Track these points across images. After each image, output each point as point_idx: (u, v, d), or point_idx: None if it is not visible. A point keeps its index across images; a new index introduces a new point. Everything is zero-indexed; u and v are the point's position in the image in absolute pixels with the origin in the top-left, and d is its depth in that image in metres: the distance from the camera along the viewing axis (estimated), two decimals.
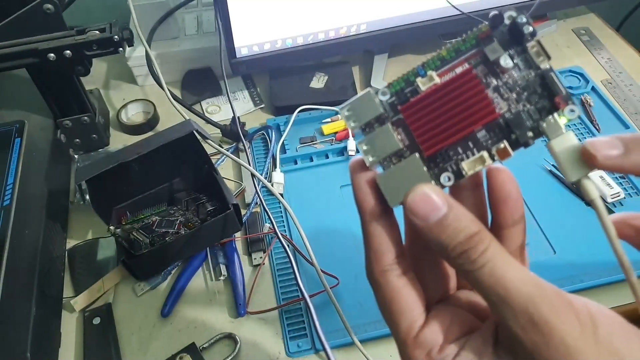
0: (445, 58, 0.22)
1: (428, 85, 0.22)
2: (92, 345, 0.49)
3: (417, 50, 0.81)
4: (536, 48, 0.21)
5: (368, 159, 0.23)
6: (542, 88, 0.21)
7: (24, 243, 0.48)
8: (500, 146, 0.21)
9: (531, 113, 0.21)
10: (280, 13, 0.65)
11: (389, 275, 0.23)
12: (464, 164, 0.22)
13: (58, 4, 0.51)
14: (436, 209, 0.20)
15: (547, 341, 0.18)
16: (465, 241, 0.20)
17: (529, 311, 0.19)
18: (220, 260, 0.55)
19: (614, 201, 0.58)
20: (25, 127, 0.57)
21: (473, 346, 0.21)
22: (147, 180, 0.57)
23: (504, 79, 0.22)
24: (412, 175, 0.22)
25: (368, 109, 0.23)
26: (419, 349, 0.22)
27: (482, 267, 0.20)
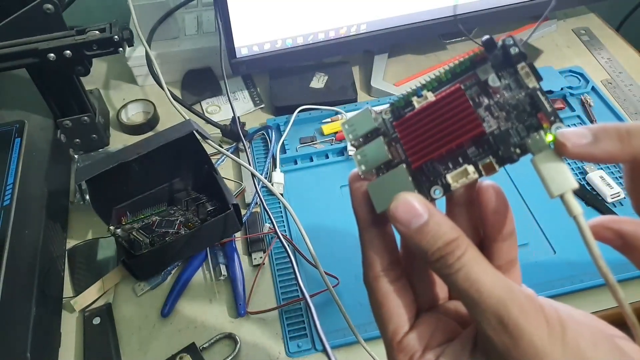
0: (442, 80, 0.24)
1: (421, 103, 0.24)
2: (92, 345, 0.49)
3: (417, 50, 0.81)
4: (525, 69, 0.22)
5: (361, 169, 0.24)
6: (531, 107, 0.22)
7: (24, 243, 0.48)
8: (486, 161, 0.22)
9: (519, 130, 0.22)
10: (280, 13, 0.65)
11: (380, 281, 0.24)
12: (449, 176, 0.23)
13: (58, 4, 0.51)
14: (417, 215, 0.21)
15: (516, 342, 0.19)
16: (443, 247, 0.21)
17: (500, 313, 0.20)
18: (220, 260, 0.55)
19: (614, 201, 0.58)
20: (25, 127, 0.57)
21: (452, 351, 0.23)
22: (147, 180, 0.57)
23: (495, 99, 0.23)
24: (398, 184, 0.23)
25: (364, 123, 0.25)
26: (402, 353, 0.23)
27: (457, 272, 0.21)
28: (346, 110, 0.69)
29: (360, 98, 0.73)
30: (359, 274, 0.57)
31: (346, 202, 0.60)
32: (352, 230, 0.60)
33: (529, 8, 0.76)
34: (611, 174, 0.61)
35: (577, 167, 0.62)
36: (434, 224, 0.21)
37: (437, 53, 0.81)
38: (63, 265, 0.56)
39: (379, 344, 0.49)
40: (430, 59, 0.80)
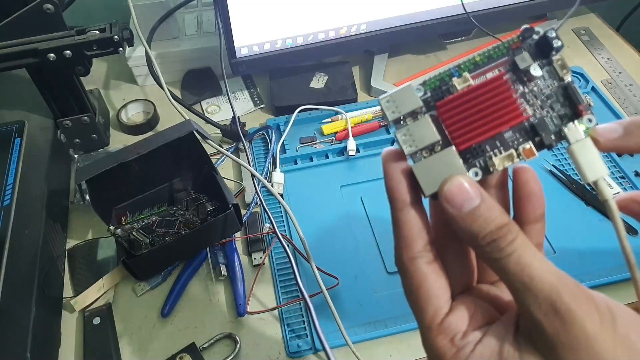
0: (478, 63, 0.24)
1: (463, 86, 0.24)
2: (92, 345, 0.49)
3: (417, 50, 0.81)
4: (561, 61, 0.23)
5: (406, 149, 0.24)
6: (564, 97, 0.23)
7: (24, 243, 0.48)
8: (526, 146, 0.23)
9: (553, 119, 0.23)
10: (280, 13, 0.65)
11: (418, 262, 0.23)
12: (495, 159, 0.23)
13: (58, 4, 0.51)
14: (470, 199, 0.22)
15: (568, 327, 0.19)
16: (495, 230, 0.21)
17: (552, 299, 0.20)
18: (220, 260, 0.55)
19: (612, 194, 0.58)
20: (25, 127, 0.57)
21: (495, 333, 0.22)
22: (147, 180, 0.57)
23: (529, 87, 0.24)
24: (448, 166, 0.23)
25: (408, 101, 0.24)
26: (442, 334, 0.23)
27: (509, 256, 0.21)
28: (346, 110, 0.69)
29: (360, 98, 0.73)
30: (359, 274, 0.57)
31: (346, 202, 0.60)
32: (352, 230, 0.61)
33: (529, 8, 0.76)
34: (611, 174, 0.61)
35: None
36: (485, 208, 0.21)
37: (437, 53, 0.81)
38: (63, 265, 0.56)
39: (380, 344, 0.49)
40: (430, 59, 0.80)
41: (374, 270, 0.54)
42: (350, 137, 0.66)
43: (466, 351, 0.22)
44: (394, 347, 0.49)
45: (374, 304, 0.51)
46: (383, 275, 0.53)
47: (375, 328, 0.50)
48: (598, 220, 0.57)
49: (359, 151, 0.65)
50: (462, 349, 0.22)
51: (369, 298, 0.52)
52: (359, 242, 0.56)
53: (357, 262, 0.55)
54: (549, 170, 0.62)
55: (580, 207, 0.58)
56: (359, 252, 0.56)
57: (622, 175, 0.61)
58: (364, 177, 0.63)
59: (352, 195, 0.61)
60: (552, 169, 0.62)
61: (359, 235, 0.57)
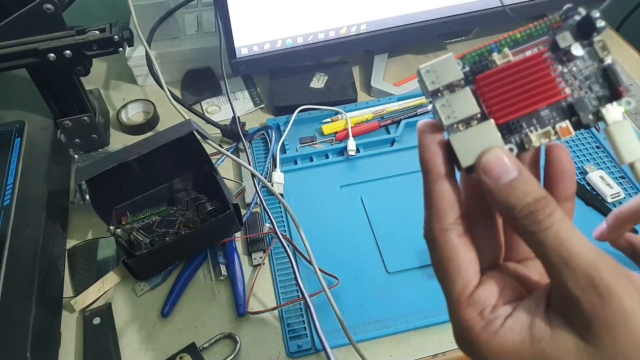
0: (519, 40, 0.24)
1: (503, 61, 0.24)
2: (92, 345, 0.49)
3: (417, 50, 0.81)
4: (602, 43, 0.23)
5: (445, 120, 0.24)
6: (604, 79, 0.23)
7: (24, 243, 0.48)
8: (562, 125, 0.23)
9: (591, 99, 0.23)
10: (280, 13, 0.65)
11: (450, 234, 0.23)
12: (532, 136, 0.23)
13: (58, 4, 0.51)
14: (508, 171, 0.22)
15: (606, 303, 0.19)
16: (533, 203, 0.21)
17: (591, 274, 0.20)
18: (220, 260, 0.55)
19: (614, 201, 0.58)
20: (25, 127, 0.57)
21: (526, 308, 0.22)
22: (147, 180, 0.57)
23: (569, 67, 0.24)
24: (486, 139, 0.23)
25: (449, 72, 0.24)
26: (471, 307, 0.23)
27: (548, 229, 0.21)
28: (346, 110, 0.69)
29: (360, 98, 0.73)
30: (359, 273, 0.57)
31: (346, 202, 0.60)
32: (352, 230, 0.61)
33: (529, 8, 0.76)
34: (611, 174, 0.61)
35: (577, 167, 0.62)
36: (523, 181, 0.21)
37: (437, 53, 0.81)
38: (63, 265, 0.56)
39: (379, 344, 0.49)
40: (430, 59, 0.79)
41: (374, 270, 0.54)
42: (350, 137, 0.66)
43: (496, 324, 0.22)
44: (394, 347, 0.49)
45: (374, 304, 0.51)
46: (383, 275, 0.53)
47: (375, 328, 0.50)
48: (598, 220, 0.57)
49: (359, 151, 0.65)
50: (492, 322, 0.22)
51: (369, 298, 0.52)
52: (359, 242, 0.56)
53: (357, 262, 0.55)
54: None
55: (580, 207, 0.58)
56: (359, 252, 0.56)
57: (622, 175, 0.61)
58: (364, 177, 0.63)
59: (352, 195, 0.61)
60: None
61: (359, 235, 0.57)
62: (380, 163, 0.64)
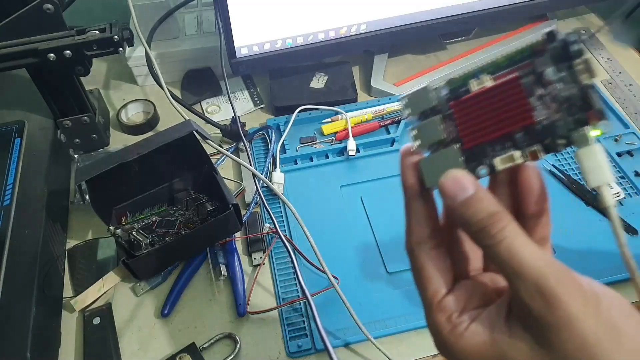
0: (500, 65, 0.25)
1: (479, 87, 0.25)
2: (92, 345, 0.49)
3: (417, 50, 0.81)
4: (582, 65, 0.23)
5: (416, 144, 0.26)
6: (583, 102, 0.23)
7: (24, 243, 0.48)
8: (532, 149, 0.24)
9: (567, 123, 0.23)
10: (280, 13, 0.65)
11: (423, 246, 0.26)
12: (497, 159, 0.24)
13: (58, 4, 0.51)
14: (463, 189, 0.23)
15: (553, 310, 0.21)
16: (486, 218, 0.23)
17: (538, 283, 0.21)
18: (220, 260, 0.55)
19: (614, 201, 0.58)
20: (25, 127, 0.57)
21: (489, 314, 0.24)
22: (147, 180, 0.57)
23: (548, 90, 0.24)
24: (449, 162, 0.25)
25: (423, 101, 0.26)
26: (441, 312, 0.25)
27: (500, 242, 0.22)
28: (346, 110, 0.69)
29: (360, 98, 0.73)
30: (359, 273, 0.57)
31: (346, 202, 0.60)
32: (352, 230, 0.61)
33: (529, 8, 0.76)
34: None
35: (577, 167, 0.62)
36: (478, 198, 0.23)
37: (437, 53, 0.81)
38: (63, 265, 0.56)
39: (379, 344, 0.49)
40: (430, 59, 0.80)
41: (374, 270, 0.54)
42: (350, 137, 0.66)
43: (461, 328, 0.24)
44: (394, 347, 0.49)
45: (374, 304, 0.51)
46: (383, 275, 0.53)
47: (375, 328, 0.50)
48: (598, 220, 0.57)
49: (359, 151, 0.65)
50: (458, 325, 0.24)
51: (369, 298, 0.52)
52: (359, 242, 0.56)
53: (357, 262, 0.55)
54: (549, 170, 0.62)
55: (580, 207, 0.58)
56: (359, 252, 0.56)
57: (622, 175, 0.61)
58: (364, 177, 0.63)
59: (352, 195, 0.61)
60: (552, 169, 0.62)
61: (359, 235, 0.57)
62: (380, 163, 0.64)
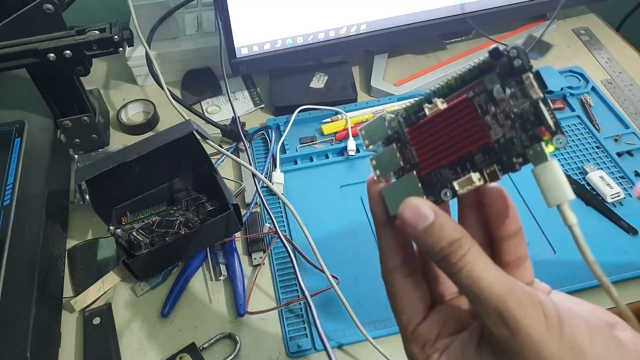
0: (453, 86, 0.24)
1: (433, 111, 0.24)
2: (92, 345, 0.49)
3: (417, 50, 0.81)
4: (530, 80, 0.22)
5: (376, 173, 0.26)
6: (535, 117, 0.22)
7: (24, 243, 0.48)
8: (491, 169, 0.23)
9: (522, 140, 0.22)
10: (280, 13, 0.65)
11: (395, 275, 0.26)
12: (455, 183, 0.24)
13: (58, 4, 0.51)
14: (423, 218, 0.23)
15: (514, 335, 0.21)
16: (446, 246, 0.22)
17: (499, 309, 0.21)
18: (220, 260, 0.55)
19: (614, 201, 0.58)
20: (25, 127, 0.57)
21: (461, 341, 0.24)
22: (147, 180, 0.57)
23: (501, 107, 0.23)
24: (409, 189, 0.25)
25: (379, 130, 0.26)
26: (414, 342, 0.25)
27: (460, 270, 0.22)
28: (346, 110, 0.69)
29: (360, 98, 0.73)
30: (359, 273, 0.57)
31: (346, 202, 0.60)
32: (352, 230, 0.61)
33: (529, 8, 0.76)
34: (611, 174, 0.61)
35: (577, 167, 0.62)
36: (438, 225, 0.22)
37: (437, 53, 0.81)
38: (63, 265, 0.56)
39: (379, 344, 0.49)
40: (430, 59, 0.80)
41: (374, 270, 0.53)
42: (350, 137, 0.66)
43: (434, 358, 0.24)
44: (394, 347, 0.49)
45: (374, 304, 0.51)
46: None
47: (375, 328, 0.50)
48: (598, 221, 0.57)
49: (359, 151, 0.65)
50: (431, 355, 0.24)
51: (369, 298, 0.52)
52: (359, 242, 0.56)
53: (357, 262, 0.55)
54: None
55: (580, 207, 0.58)
56: (359, 252, 0.56)
57: (622, 175, 0.61)
58: (364, 177, 0.62)
59: (352, 195, 0.61)
60: None
61: (359, 235, 0.57)
62: None
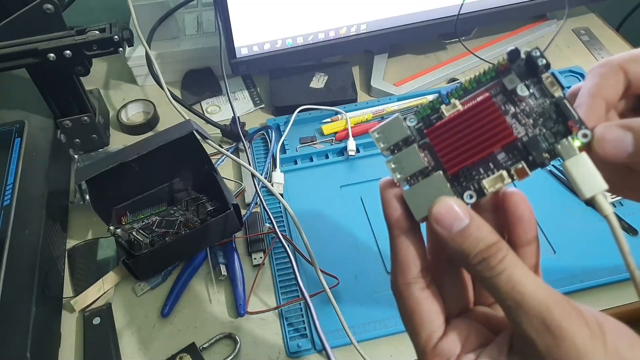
0: (468, 88, 0.25)
1: (452, 112, 0.24)
2: (92, 345, 0.49)
3: (417, 50, 0.81)
4: (550, 79, 0.23)
5: (396, 176, 0.25)
6: (557, 114, 0.23)
7: (24, 243, 0.48)
8: (518, 166, 0.23)
9: (547, 136, 0.23)
10: (280, 13, 0.65)
11: (412, 287, 0.24)
12: (485, 182, 0.23)
13: (58, 4, 0.51)
14: (459, 219, 0.22)
15: (559, 343, 0.20)
16: (485, 249, 0.21)
17: (543, 315, 0.20)
18: (220, 260, 0.55)
19: (614, 201, 0.58)
20: (25, 127, 0.57)
21: (489, 354, 0.23)
22: (147, 180, 0.57)
23: (521, 107, 0.24)
24: (436, 190, 0.24)
25: (396, 131, 0.25)
26: (437, 357, 0.23)
27: (500, 274, 0.21)
28: (346, 110, 0.69)
29: (360, 98, 0.73)
30: (359, 274, 0.57)
31: (346, 202, 0.60)
32: (352, 230, 0.61)
33: (529, 8, 0.76)
34: None
35: None
36: (475, 227, 0.22)
37: (437, 53, 0.81)
38: (63, 265, 0.56)
39: (379, 344, 0.49)
40: (430, 59, 0.80)
41: (374, 270, 0.54)
42: (350, 137, 0.66)
43: None
44: (394, 347, 0.49)
45: (374, 304, 0.51)
46: (383, 275, 0.53)
47: (375, 328, 0.50)
48: (598, 220, 0.57)
49: (359, 151, 0.65)
50: None
51: (369, 298, 0.52)
52: (359, 242, 0.56)
53: (357, 262, 0.55)
54: (548, 170, 0.62)
55: (580, 207, 0.58)
56: (359, 252, 0.56)
57: None
58: (364, 177, 0.63)
59: (352, 195, 0.61)
60: (552, 169, 0.62)
61: (359, 235, 0.57)
62: (380, 163, 0.64)
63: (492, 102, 0.24)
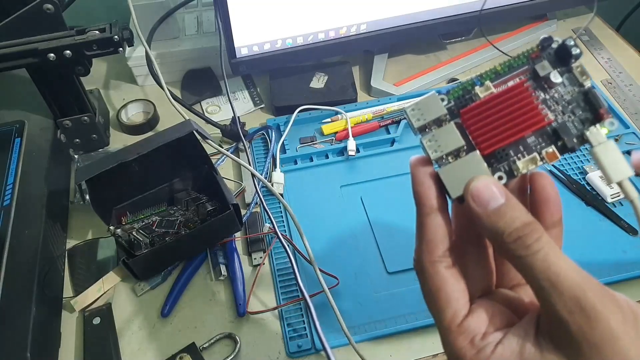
0: (500, 72, 0.25)
1: (486, 94, 0.25)
2: (92, 345, 0.49)
3: (417, 50, 0.81)
4: (580, 68, 0.25)
5: (432, 154, 0.25)
6: (585, 102, 0.24)
7: (24, 243, 0.48)
8: (549, 150, 0.24)
9: (575, 123, 0.24)
10: (280, 13, 0.65)
11: (439, 265, 0.24)
12: (519, 163, 0.24)
13: (58, 4, 0.51)
14: (495, 197, 0.22)
15: (593, 324, 0.20)
16: (521, 228, 0.22)
17: (577, 296, 0.20)
18: (220, 260, 0.55)
19: (614, 201, 0.58)
20: (25, 127, 0.57)
21: (516, 334, 0.23)
22: (147, 180, 0.57)
23: (550, 93, 0.25)
24: (473, 169, 0.24)
25: (433, 109, 0.25)
26: (462, 335, 0.23)
27: (536, 253, 0.21)
28: (346, 110, 0.69)
29: (360, 98, 0.73)
30: (359, 273, 0.57)
31: (346, 202, 0.60)
32: (352, 230, 0.61)
33: (529, 8, 0.76)
34: None
35: (577, 167, 0.62)
36: (511, 207, 0.22)
37: (437, 53, 0.81)
38: (63, 265, 0.56)
39: (379, 344, 0.49)
40: (430, 59, 0.80)
41: (374, 270, 0.54)
42: (350, 137, 0.66)
43: (486, 352, 0.22)
44: (394, 347, 0.49)
45: (374, 304, 0.51)
46: (383, 275, 0.53)
47: (375, 328, 0.50)
48: (598, 220, 0.57)
49: (359, 151, 0.65)
50: (482, 349, 0.23)
51: (369, 298, 0.52)
52: (359, 242, 0.56)
53: (357, 262, 0.55)
54: (549, 170, 0.62)
55: (580, 207, 0.58)
56: (359, 252, 0.56)
57: None
58: (364, 177, 0.63)
59: (352, 195, 0.61)
60: (552, 169, 0.62)
61: (359, 235, 0.57)
62: (380, 163, 0.64)
63: (526, 87, 0.24)
